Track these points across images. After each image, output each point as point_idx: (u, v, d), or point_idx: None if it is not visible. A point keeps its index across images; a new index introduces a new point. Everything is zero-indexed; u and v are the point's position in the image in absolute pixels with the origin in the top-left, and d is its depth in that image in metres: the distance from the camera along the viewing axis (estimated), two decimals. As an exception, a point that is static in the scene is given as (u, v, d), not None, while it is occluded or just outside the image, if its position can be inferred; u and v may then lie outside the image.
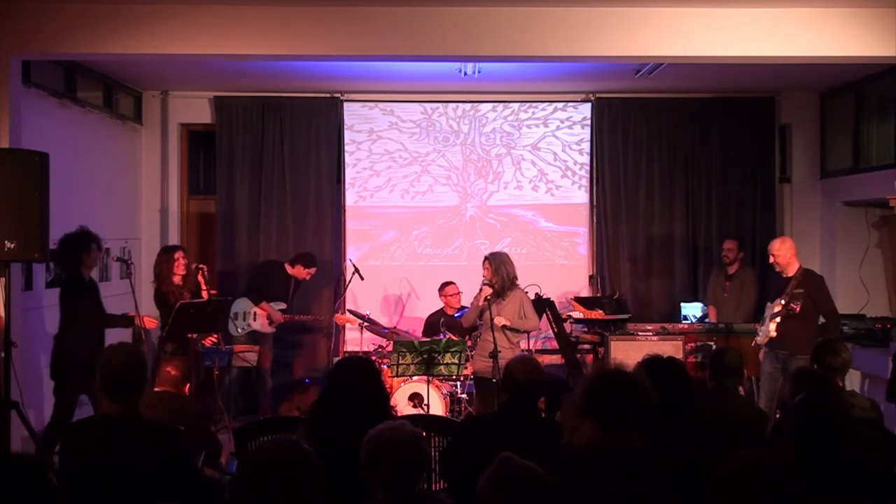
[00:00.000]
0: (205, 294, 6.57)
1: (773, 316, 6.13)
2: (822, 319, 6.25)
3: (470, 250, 8.62)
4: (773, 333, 6.13)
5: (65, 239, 5.89)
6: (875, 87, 7.57)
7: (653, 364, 3.48)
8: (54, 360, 5.80)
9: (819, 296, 6.12)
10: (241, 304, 7.40)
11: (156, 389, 4.39)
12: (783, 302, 6.08)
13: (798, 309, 6.00)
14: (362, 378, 3.50)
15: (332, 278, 8.43)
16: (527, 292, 6.18)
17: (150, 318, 6.21)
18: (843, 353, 4.33)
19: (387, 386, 6.01)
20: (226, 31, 5.70)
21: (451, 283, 7.66)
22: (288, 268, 7.55)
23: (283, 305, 7.48)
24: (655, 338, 7.22)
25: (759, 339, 6.25)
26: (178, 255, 6.69)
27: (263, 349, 7.48)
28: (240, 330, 7.36)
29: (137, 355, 3.33)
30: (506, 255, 6.14)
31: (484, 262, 6.10)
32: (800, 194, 8.70)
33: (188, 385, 4.49)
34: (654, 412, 2.85)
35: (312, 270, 7.58)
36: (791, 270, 6.19)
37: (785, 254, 6.21)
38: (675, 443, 3.15)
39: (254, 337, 7.42)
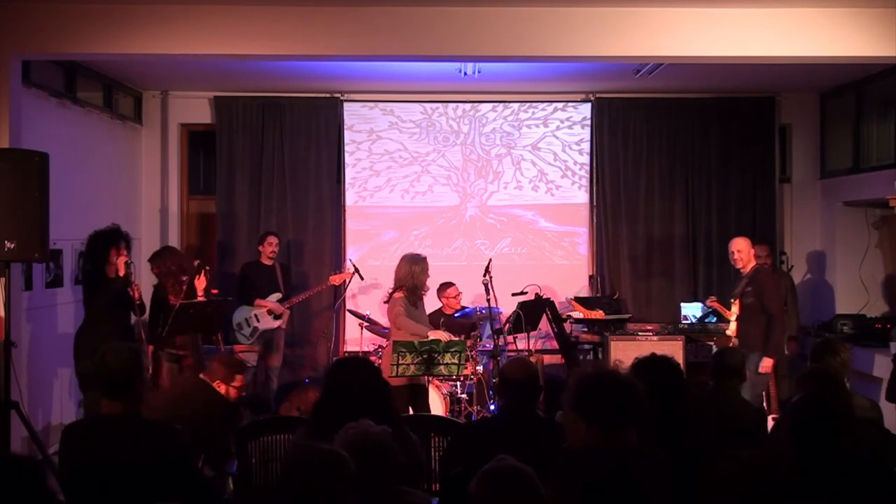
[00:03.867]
0: (200, 293, 6.47)
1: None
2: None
3: (470, 250, 8.62)
4: (731, 332, 6.44)
5: (94, 235, 5.94)
6: (875, 87, 7.57)
7: (646, 363, 3.47)
8: (74, 356, 5.84)
9: (765, 294, 6.24)
10: (240, 313, 7.40)
11: (201, 376, 4.63)
12: (734, 299, 6.42)
13: (738, 299, 6.35)
14: (362, 378, 3.50)
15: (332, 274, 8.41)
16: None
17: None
18: (842, 353, 4.34)
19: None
20: (226, 31, 5.69)
21: (451, 284, 7.64)
22: (262, 261, 7.54)
23: (279, 295, 7.48)
24: (655, 338, 7.23)
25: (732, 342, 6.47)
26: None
27: (276, 348, 7.50)
28: (249, 337, 7.36)
29: (135, 354, 3.33)
30: None
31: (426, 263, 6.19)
32: (800, 194, 8.70)
33: (229, 386, 4.59)
34: (645, 409, 2.84)
35: (271, 242, 7.51)
36: (747, 269, 6.38)
37: (748, 251, 6.41)
38: (675, 443, 3.15)
39: (266, 338, 7.42)
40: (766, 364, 6.10)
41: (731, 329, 6.48)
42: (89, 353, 5.53)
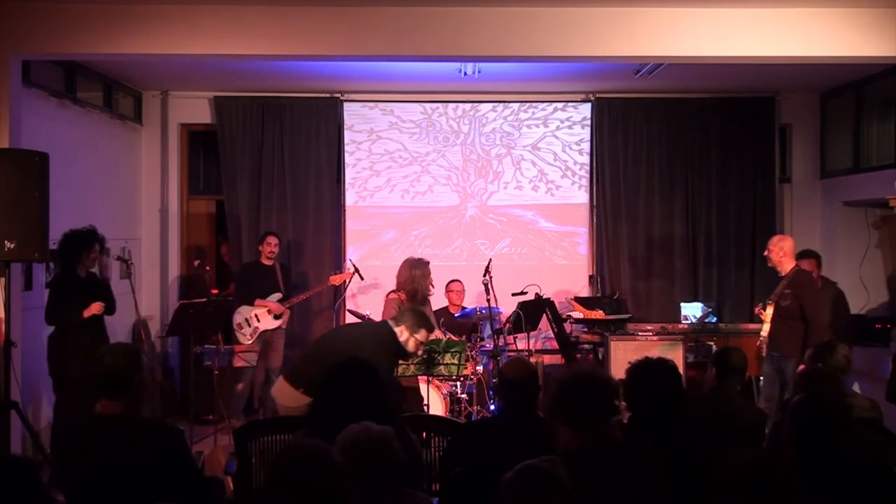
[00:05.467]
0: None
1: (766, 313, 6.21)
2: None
3: (470, 250, 8.62)
4: (764, 334, 6.18)
5: (69, 234, 5.87)
6: (875, 87, 7.57)
7: (641, 367, 3.46)
8: (48, 359, 5.80)
9: (806, 298, 6.00)
10: (241, 313, 7.40)
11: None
12: (770, 301, 6.14)
13: (774, 301, 6.06)
14: (362, 378, 3.49)
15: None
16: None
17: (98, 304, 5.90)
18: (842, 353, 4.34)
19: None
20: (226, 31, 5.70)
21: (456, 280, 7.85)
22: (262, 261, 7.55)
23: (279, 295, 7.48)
24: (655, 338, 7.22)
25: (761, 343, 6.26)
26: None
27: (276, 348, 7.49)
28: (249, 337, 7.36)
29: (131, 354, 3.32)
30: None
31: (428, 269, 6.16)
32: (800, 194, 8.70)
33: (412, 336, 4.77)
34: (614, 403, 2.87)
35: (270, 242, 7.53)
36: (784, 270, 6.18)
37: (778, 251, 6.17)
38: (674, 442, 3.15)
39: (266, 338, 7.42)
40: None
41: (765, 331, 6.17)
42: (74, 356, 5.54)
